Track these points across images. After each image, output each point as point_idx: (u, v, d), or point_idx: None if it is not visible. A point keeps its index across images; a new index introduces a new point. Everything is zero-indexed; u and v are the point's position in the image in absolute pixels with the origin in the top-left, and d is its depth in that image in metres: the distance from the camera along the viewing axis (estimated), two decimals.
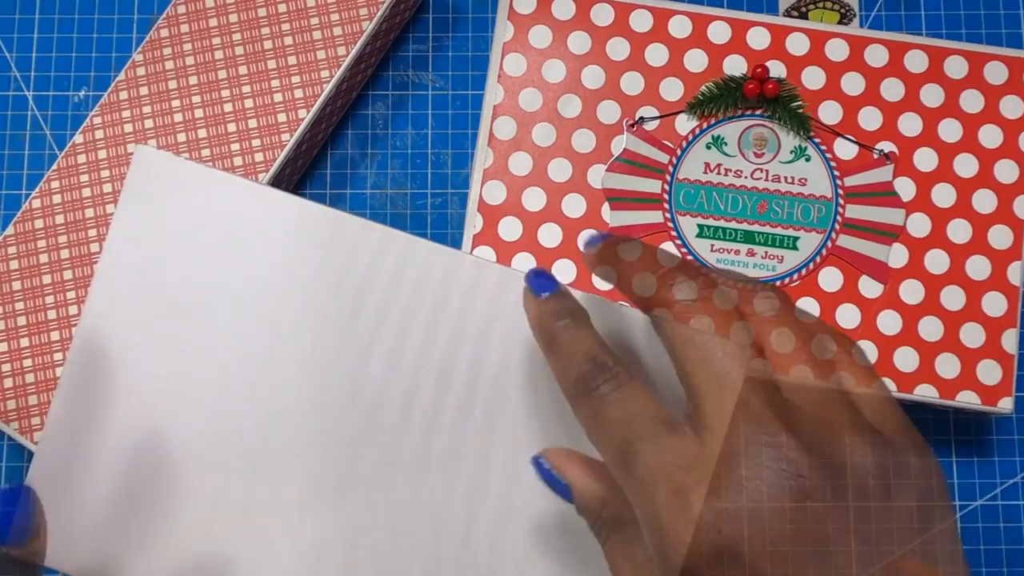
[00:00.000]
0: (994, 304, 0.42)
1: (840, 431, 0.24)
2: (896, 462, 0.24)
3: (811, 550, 0.22)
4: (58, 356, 0.42)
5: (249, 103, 0.44)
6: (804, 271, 0.42)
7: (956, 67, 0.43)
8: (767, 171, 0.43)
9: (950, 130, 0.43)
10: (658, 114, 0.43)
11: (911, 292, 0.42)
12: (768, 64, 0.43)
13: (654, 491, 0.23)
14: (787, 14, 0.50)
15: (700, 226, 0.42)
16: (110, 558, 0.32)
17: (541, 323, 0.28)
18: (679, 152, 0.43)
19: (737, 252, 0.42)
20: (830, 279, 0.42)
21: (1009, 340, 0.41)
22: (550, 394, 0.33)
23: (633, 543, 0.27)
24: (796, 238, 0.42)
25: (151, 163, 0.34)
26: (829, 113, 0.43)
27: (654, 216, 0.42)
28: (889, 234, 0.42)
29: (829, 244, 0.42)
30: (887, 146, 0.43)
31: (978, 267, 0.42)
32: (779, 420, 0.23)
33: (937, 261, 0.42)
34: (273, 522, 0.32)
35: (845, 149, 0.43)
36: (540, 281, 0.28)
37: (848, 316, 0.42)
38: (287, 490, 0.33)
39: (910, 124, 0.43)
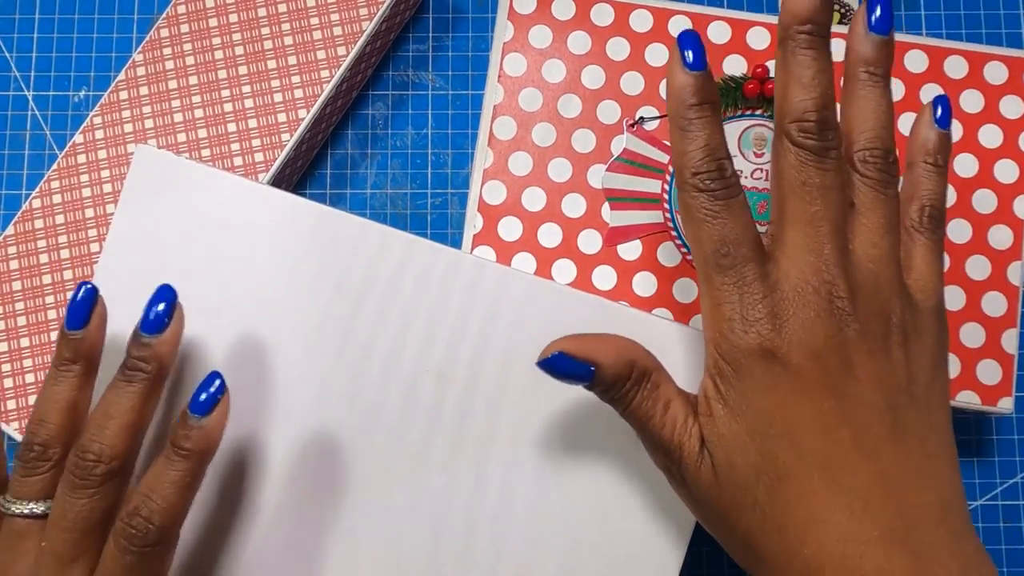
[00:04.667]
0: (994, 304, 0.42)
1: (885, 285, 0.27)
2: (917, 324, 0.28)
3: (838, 362, 0.26)
4: None
5: (249, 103, 0.44)
6: None
7: (956, 67, 0.43)
8: (767, 171, 0.43)
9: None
10: (658, 114, 0.43)
11: None
12: (768, 64, 0.43)
13: (726, 294, 0.27)
14: None
15: None
16: None
17: (678, 101, 0.28)
18: None
19: None
20: None
21: (1009, 340, 0.41)
22: (550, 393, 0.33)
23: (665, 384, 0.29)
24: None
25: (152, 162, 0.34)
26: None
27: (654, 216, 0.42)
28: None
29: None
30: None
31: (978, 267, 0.42)
32: (839, 264, 0.27)
33: None
34: (273, 522, 0.32)
35: None
36: (692, 49, 0.28)
37: None
38: (286, 490, 0.32)
39: (910, 124, 0.43)
